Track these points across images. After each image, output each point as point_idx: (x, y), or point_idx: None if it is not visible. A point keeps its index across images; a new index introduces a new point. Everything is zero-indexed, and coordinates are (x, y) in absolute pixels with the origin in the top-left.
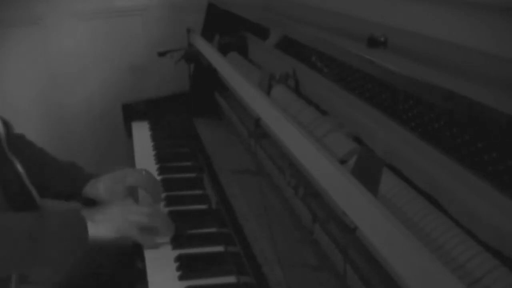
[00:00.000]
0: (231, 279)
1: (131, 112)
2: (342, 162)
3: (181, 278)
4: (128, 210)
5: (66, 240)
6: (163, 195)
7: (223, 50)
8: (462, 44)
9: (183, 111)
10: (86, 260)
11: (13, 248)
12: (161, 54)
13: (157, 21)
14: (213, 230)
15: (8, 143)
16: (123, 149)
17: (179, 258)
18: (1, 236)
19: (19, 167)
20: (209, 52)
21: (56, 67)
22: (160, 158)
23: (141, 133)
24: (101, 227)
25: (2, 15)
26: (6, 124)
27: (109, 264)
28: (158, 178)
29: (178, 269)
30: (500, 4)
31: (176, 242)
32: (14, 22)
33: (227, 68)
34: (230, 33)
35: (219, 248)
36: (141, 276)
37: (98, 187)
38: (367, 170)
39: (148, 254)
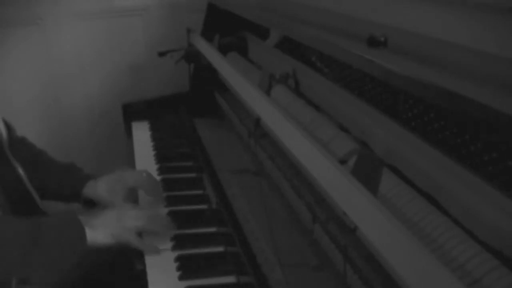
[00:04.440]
0: (231, 279)
1: (131, 112)
2: (342, 162)
3: (181, 278)
4: (124, 215)
5: (64, 247)
6: (163, 195)
7: (223, 50)
8: (462, 44)
9: (183, 111)
10: (85, 261)
11: (12, 255)
12: (161, 54)
13: (157, 21)
14: (213, 230)
15: (10, 146)
16: (123, 149)
17: (179, 258)
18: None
19: (21, 171)
20: (209, 52)
21: (56, 67)
22: (160, 158)
23: (141, 133)
24: (99, 233)
25: (2, 15)
26: (9, 127)
27: (108, 265)
28: (158, 178)
29: (178, 269)
30: (500, 4)
31: (176, 242)
32: (14, 22)
33: (227, 68)
34: (230, 33)
35: (219, 248)
36: (141, 277)
37: (98, 188)
38: (367, 170)
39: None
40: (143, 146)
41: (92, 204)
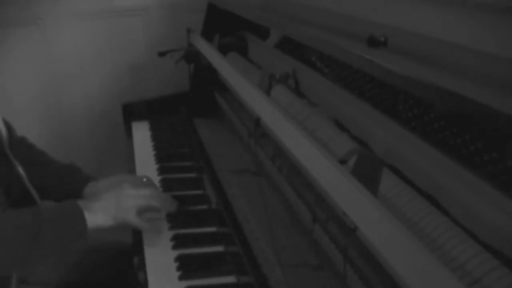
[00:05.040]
0: (231, 279)
1: (131, 112)
2: (342, 162)
3: (181, 278)
4: (123, 195)
5: (65, 232)
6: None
7: (223, 50)
8: (462, 44)
9: (183, 111)
10: (85, 261)
11: (13, 245)
12: (161, 54)
13: (157, 21)
14: (213, 230)
15: (10, 146)
16: (123, 149)
17: (179, 258)
18: (1, 234)
19: (21, 170)
20: (209, 52)
21: (56, 67)
22: (160, 158)
23: (141, 133)
24: (99, 215)
25: (2, 15)
26: (9, 127)
27: (108, 265)
28: (158, 178)
29: (178, 269)
30: (500, 4)
31: (176, 242)
32: (14, 22)
33: (227, 68)
34: (230, 33)
35: (219, 248)
36: (141, 277)
37: (98, 190)
38: (367, 170)
39: (149, 255)
40: (143, 146)
41: None
